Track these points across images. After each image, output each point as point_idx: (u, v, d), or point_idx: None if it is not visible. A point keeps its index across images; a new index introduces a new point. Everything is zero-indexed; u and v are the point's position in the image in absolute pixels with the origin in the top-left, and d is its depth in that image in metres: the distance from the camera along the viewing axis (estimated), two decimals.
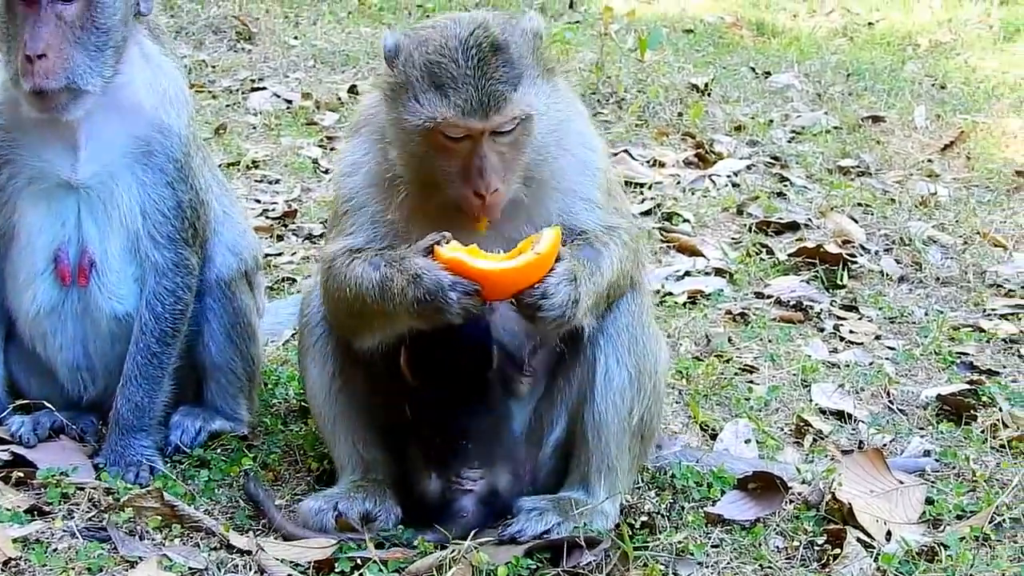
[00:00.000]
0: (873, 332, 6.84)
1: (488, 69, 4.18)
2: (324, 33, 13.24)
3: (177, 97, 4.97)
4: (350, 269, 4.36)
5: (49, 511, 4.50)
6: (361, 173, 4.54)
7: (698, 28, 15.47)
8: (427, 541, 4.39)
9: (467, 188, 4.21)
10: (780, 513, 4.71)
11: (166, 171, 4.90)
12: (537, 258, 4.13)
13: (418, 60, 4.24)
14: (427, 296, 4.11)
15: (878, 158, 10.17)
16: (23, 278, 4.98)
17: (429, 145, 4.24)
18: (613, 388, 4.59)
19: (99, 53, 4.70)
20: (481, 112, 4.16)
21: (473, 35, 4.20)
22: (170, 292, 4.96)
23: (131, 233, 4.91)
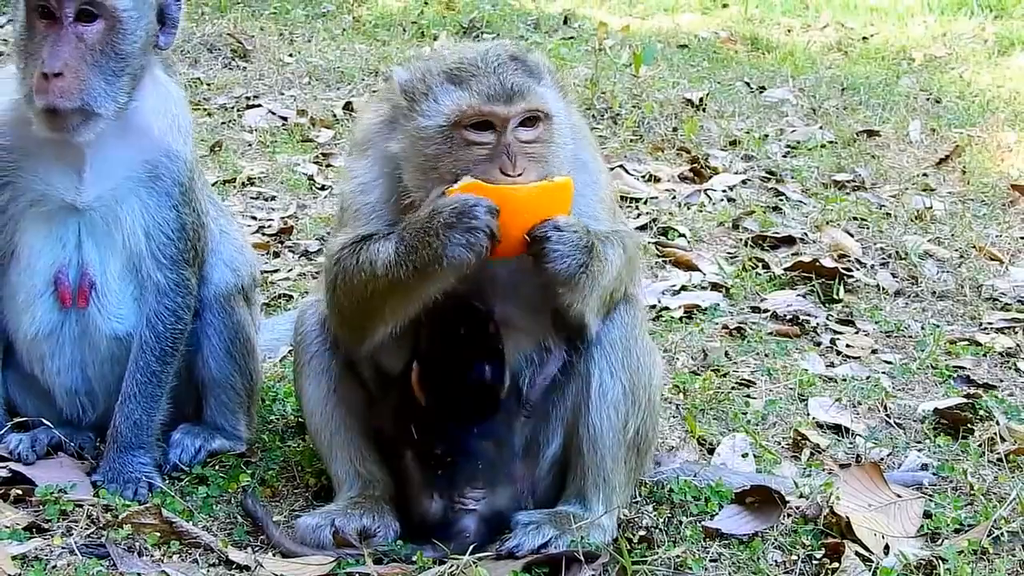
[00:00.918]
0: (870, 346, 6.85)
1: (507, 68, 4.27)
2: (319, 50, 13.26)
3: (184, 123, 4.99)
4: (363, 252, 4.34)
5: (48, 528, 4.50)
6: (374, 193, 4.52)
7: (692, 43, 15.49)
8: (426, 556, 4.39)
9: (492, 168, 4.19)
10: (778, 527, 4.72)
11: (171, 195, 4.91)
12: (552, 185, 4.17)
13: (436, 70, 4.31)
14: (453, 216, 4.07)
15: (873, 172, 10.19)
16: (22, 299, 4.98)
17: (451, 144, 4.24)
18: (607, 401, 4.60)
19: (115, 79, 4.70)
20: (505, 98, 4.20)
21: (492, 47, 4.34)
22: (171, 312, 4.97)
23: (133, 254, 4.92)
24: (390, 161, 4.48)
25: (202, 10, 14.08)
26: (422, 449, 4.57)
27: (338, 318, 4.63)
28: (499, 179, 4.17)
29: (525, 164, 4.21)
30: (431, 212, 4.14)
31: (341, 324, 4.64)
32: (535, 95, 4.26)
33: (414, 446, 4.58)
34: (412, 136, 4.33)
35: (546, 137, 4.32)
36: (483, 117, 4.21)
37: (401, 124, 4.39)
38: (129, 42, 4.71)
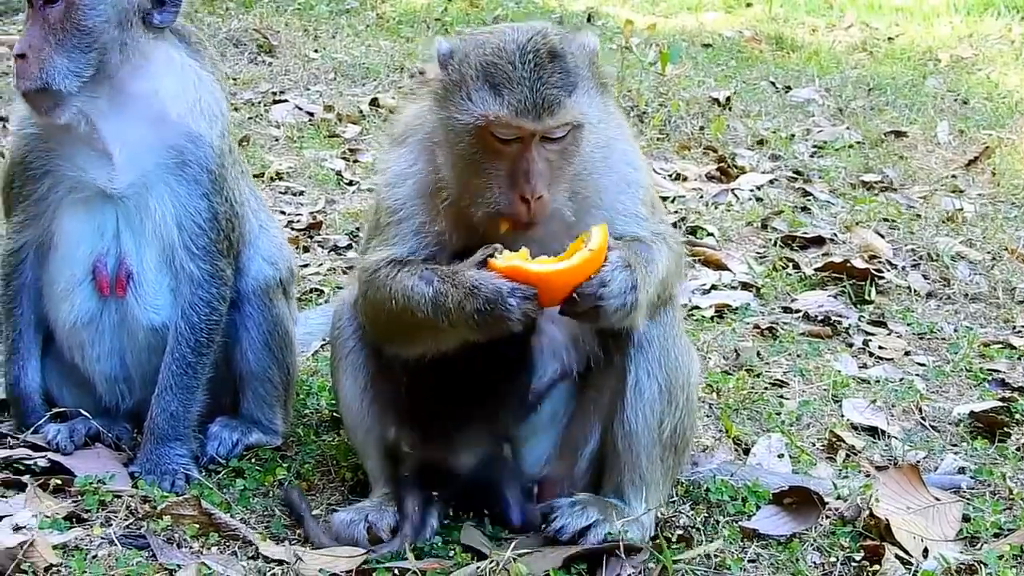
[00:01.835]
0: (902, 348, 6.83)
1: (544, 73, 4.16)
2: (344, 46, 13.25)
3: (210, 108, 4.96)
4: (396, 281, 4.32)
5: (87, 518, 4.50)
6: (408, 184, 4.50)
7: (716, 42, 15.46)
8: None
9: (513, 192, 4.16)
10: (816, 528, 4.70)
11: (200, 182, 4.90)
12: (591, 254, 4.11)
13: (474, 60, 4.23)
14: (487, 306, 4.07)
15: (901, 173, 10.16)
16: (62, 288, 5.00)
17: (478, 146, 4.21)
18: (644, 400, 4.58)
19: (79, 54, 4.70)
20: (534, 113, 4.13)
21: (531, 40, 4.20)
22: (205, 303, 4.96)
23: (166, 244, 4.92)
24: (429, 149, 4.46)
25: (227, 5, 14.09)
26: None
27: (369, 324, 4.64)
28: (518, 208, 4.16)
29: (545, 187, 4.17)
30: (469, 290, 4.12)
31: (371, 328, 4.65)
32: (566, 110, 4.18)
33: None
34: (446, 127, 4.31)
35: (574, 146, 4.26)
36: (509, 131, 4.17)
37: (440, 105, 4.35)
38: (91, 17, 4.71)
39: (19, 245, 5.04)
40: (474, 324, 4.12)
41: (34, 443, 5.00)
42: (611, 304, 4.13)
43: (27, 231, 5.01)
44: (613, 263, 4.15)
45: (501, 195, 4.19)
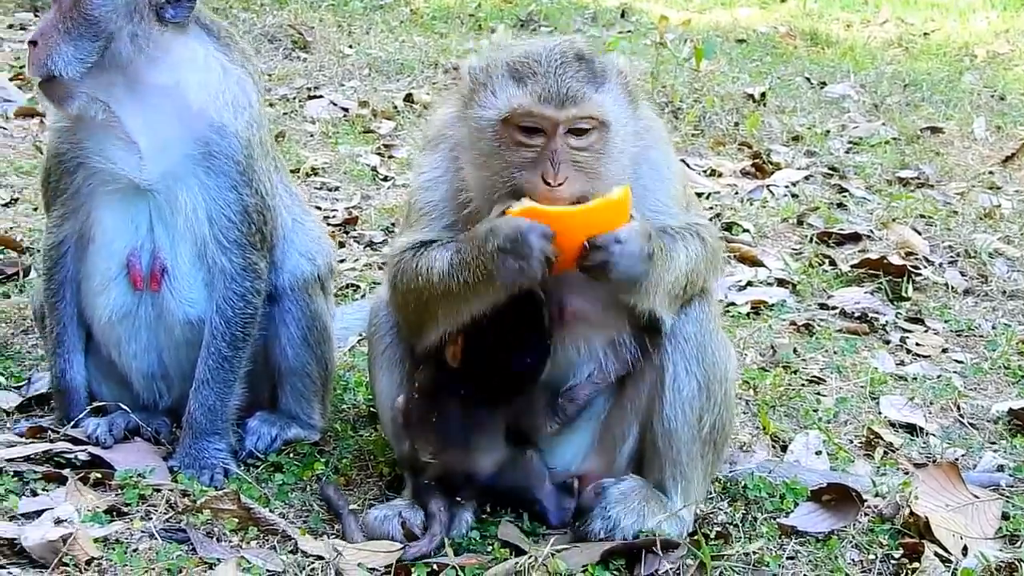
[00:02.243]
0: (940, 345, 6.79)
1: (570, 69, 4.19)
2: (378, 42, 13.28)
3: (236, 100, 4.96)
4: (421, 258, 4.35)
5: (127, 512, 4.52)
6: (441, 189, 4.52)
7: (751, 38, 15.44)
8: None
9: (535, 173, 4.15)
10: (855, 526, 4.68)
11: (228, 174, 4.91)
12: (608, 203, 4.11)
13: (501, 62, 4.27)
14: (507, 243, 4.05)
15: (938, 170, 10.12)
16: (97, 282, 5.03)
17: (502, 142, 4.21)
18: (682, 396, 4.57)
19: (83, 42, 4.73)
20: (557, 102, 4.14)
21: (560, 44, 4.25)
22: (239, 296, 4.98)
23: (198, 238, 4.93)
24: (456, 150, 4.48)
25: (262, 1, 14.13)
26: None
27: (399, 314, 4.65)
28: (539, 188, 4.13)
29: (568, 174, 4.15)
30: (487, 233, 4.12)
31: (402, 320, 4.66)
32: (590, 102, 4.19)
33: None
34: (470, 126, 4.32)
35: (599, 146, 4.25)
36: (532, 119, 4.17)
37: (465, 103, 4.37)
38: (98, 7, 4.73)
39: (60, 239, 5.07)
40: (495, 269, 4.08)
41: (74, 437, 5.02)
42: (621, 263, 4.11)
43: (66, 225, 5.04)
44: (631, 227, 4.14)
45: (523, 179, 4.18)
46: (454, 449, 4.54)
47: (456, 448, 4.54)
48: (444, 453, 4.54)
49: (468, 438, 4.53)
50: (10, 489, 4.55)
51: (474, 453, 4.55)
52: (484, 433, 4.54)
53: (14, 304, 6.28)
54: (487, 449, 4.56)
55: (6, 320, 6.14)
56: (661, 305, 4.39)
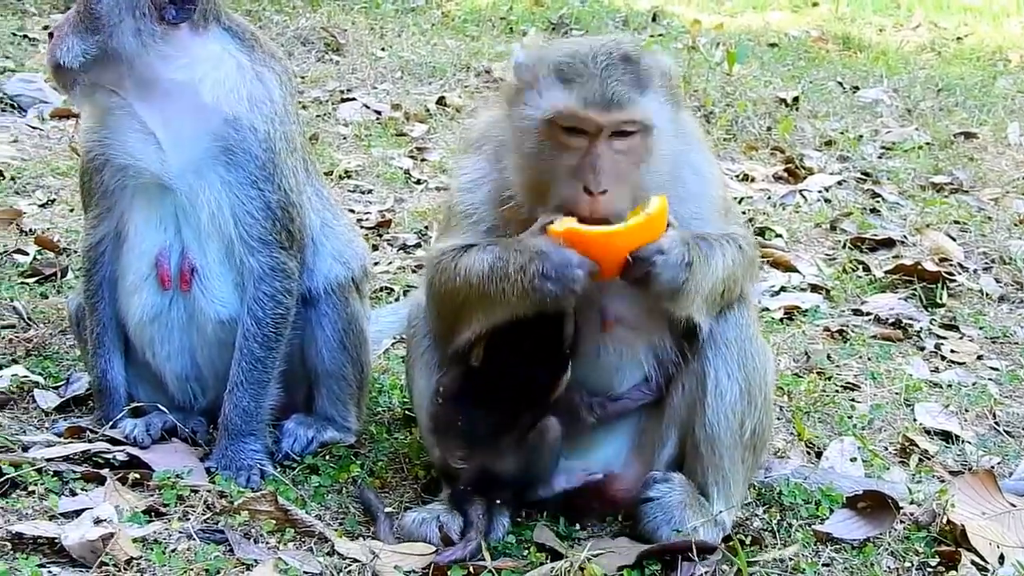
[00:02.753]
0: (975, 352, 6.77)
1: (615, 71, 4.20)
2: (410, 45, 13.29)
3: (252, 95, 4.96)
4: (459, 260, 4.37)
5: (166, 512, 4.54)
6: (482, 191, 4.54)
7: (783, 42, 15.40)
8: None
9: (577, 183, 4.16)
10: (890, 533, 4.67)
11: (248, 170, 4.92)
12: (648, 219, 4.14)
13: (547, 61, 4.27)
14: (552, 271, 4.10)
15: (972, 175, 10.08)
16: (130, 282, 5.07)
17: (547, 143, 4.22)
18: (725, 402, 4.58)
19: (88, 36, 4.86)
20: (602, 106, 4.15)
21: (606, 45, 4.25)
22: (269, 297, 4.99)
23: (224, 236, 4.95)
24: (502, 157, 4.49)
25: (294, 4, 14.18)
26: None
27: (433, 313, 4.66)
28: (581, 202, 4.16)
29: (610, 183, 4.17)
30: (534, 254, 4.14)
31: (436, 319, 4.67)
32: (635, 106, 4.20)
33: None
34: (515, 126, 4.34)
35: (642, 150, 4.27)
36: (577, 121, 4.18)
37: (508, 108, 4.40)
38: (101, 2, 4.85)
39: (97, 239, 5.11)
40: (533, 288, 4.13)
41: (113, 437, 5.04)
42: (664, 274, 4.16)
43: (102, 225, 5.09)
44: (673, 237, 4.19)
45: (565, 188, 4.20)
46: (481, 452, 4.54)
47: (482, 450, 4.54)
48: (472, 456, 4.55)
49: (494, 440, 4.54)
50: (50, 488, 4.58)
51: (501, 455, 4.55)
52: (510, 435, 4.54)
53: (52, 304, 6.32)
54: (514, 450, 4.55)
55: (45, 321, 6.18)
56: (699, 311, 4.41)
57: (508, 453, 4.53)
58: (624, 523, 4.70)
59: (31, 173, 8.41)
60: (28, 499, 4.49)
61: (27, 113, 9.87)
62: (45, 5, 13.45)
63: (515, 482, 4.60)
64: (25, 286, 6.62)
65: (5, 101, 10.02)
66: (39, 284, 6.68)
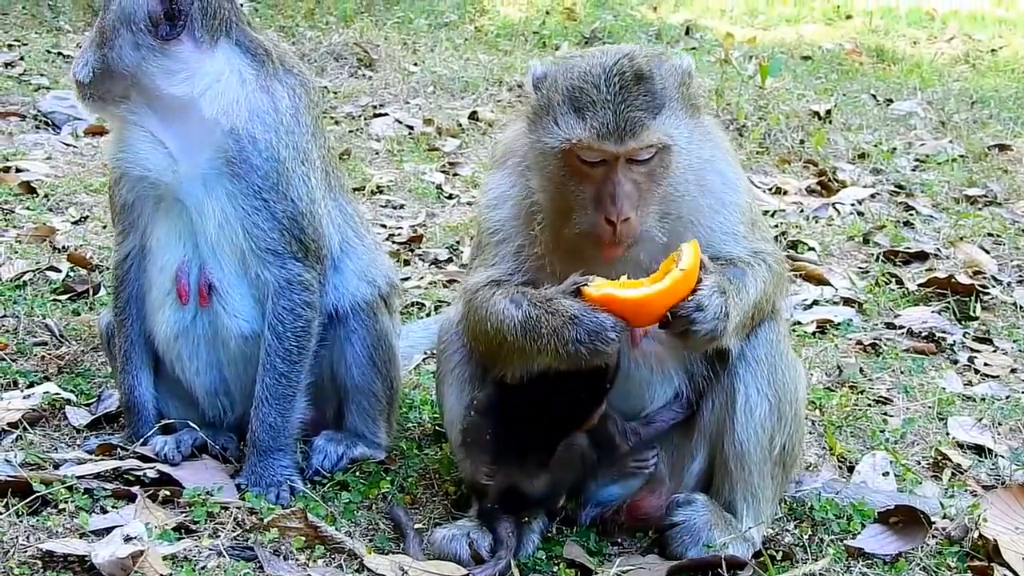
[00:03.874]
0: (1009, 365, 6.73)
1: (628, 96, 4.16)
2: (443, 60, 13.35)
3: (255, 107, 4.95)
4: (491, 304, 4.36)
5: (196, 529, 4.54)
6: (507, 206, 4.55)
7: (816, 55, 15.38)
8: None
9: (599, 214, 4.17)
10: (923, 548, 4.64)
11: (250, 180, 4.91)
12: (683, 275, 4.11)
13: (562, 84, 4.25)
14: (588, 336, 4.10)
15: (1006, 187, 10.03)
16: (155, 297, 5.10)
17: (566, 169, 4.23)
18: (754, 419, 4.56)
19: (95, 49, 4.95)
20: (616, 136, 4.13)
21: (618, 64, 4.20)
22: (288, 311, 5.00)
23: (236, 249, 4.95)
24: (525, 172, 4.49)
25: (327, 19, 14.25)
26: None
27: (473, 344, 4.66)
28: (605, 234, 4.16)
29: (631, 209, 4.15)
30: (567, 320, 4.14)
31: (476, 349, 4.67)
32: (650, 131, 4.17)
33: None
34: (535, 148, 4.34)
35: (663, 168, 4.24)
36: (592, 154, 4.18)
37: (528, 129, 4.39)
38: (107, 18, 4.93)
39: (124, 255, 5.14)
40: (567, 352, 4.14)
41: (143, 454, 5.06)
42: (703, 328, 4.13)
43: (128, 240, 5.12)
44: (709, 287, 4.15)
45: (588, 217, 4.21)
46: (509, 468, 4.54)
47: (510, 467, 4.54)
48: (500, 473, 4.55)
49: (522, 458, 4.53)
50: (80, 506, 4.58)
51: (529, 472, 4.53)
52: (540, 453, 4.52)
53: (85, 322, 6.36)
54: (541, 469, 4.53)
55: (77, 337, 6.21)
56: (731, 340, 4.39)
57: (535, 471, 4.52)
58: (654, 539, 4.68)
59: (64, 190, 8.47)
60: (59, 517, 4.50)
61: (61, 130, 9.95)
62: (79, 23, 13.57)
63: (542, 500, 4.59)
64: (57, 303, 6.66)
65: (39, 118, 10.12)
66: (71, 301, 6.72)
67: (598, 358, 4.17)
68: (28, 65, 11.77)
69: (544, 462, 4.49)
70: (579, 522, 4.79)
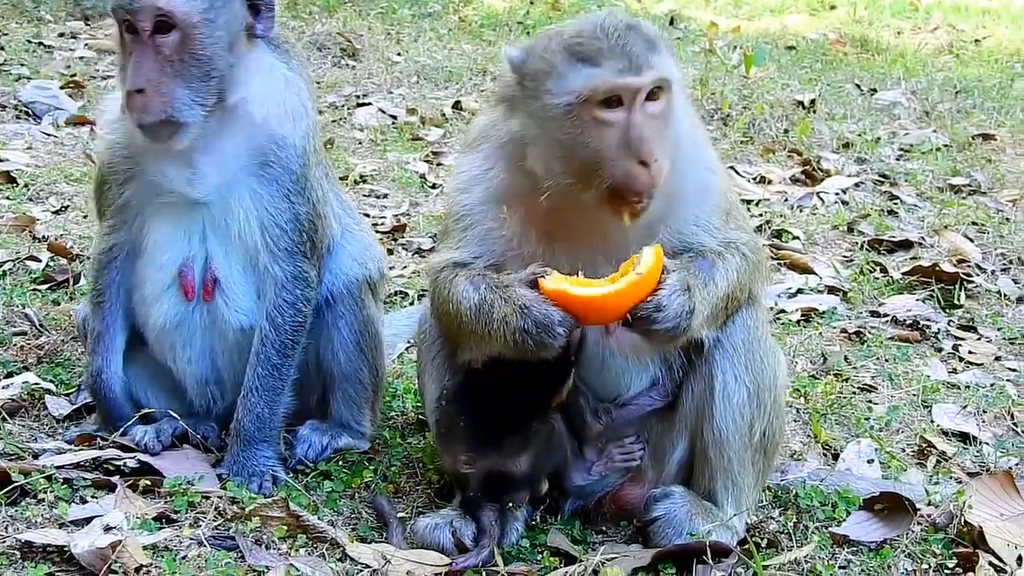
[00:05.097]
0: (992, 353, 6.73)
1: (629, 38, 4.14)
2: (426, 50, 13.31)
3: (296, 109, 4.94)
4: (453, 284, 4.35)
5: (176, 519, 4.51)
6: (477, 190, 4.51)
7: (800, 45, 15.37)
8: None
9: (629, 160, 4.10)
10: (908, 535, 4.63)
11: (282, 183, 4.89)
12: (640, 278, 4.08)
13: (556, 47, 4.19)
14: (534, 327, 4.09)
15: (990, 177, 10.03)
16: (149, 291, 5.03)
17: (581, 125, 4.14)
18: (732, 405, 4.54)
19: (201, 84, 4.67)
20: (635, 70, 4.10)
21: (606, 18, 4.22)
22: (290, 304, 4.97)
23: (250, 247, 4.92)
24: (502, 152, 4.45)
25: (311, 9, 14.19)
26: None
27: (439, 326, 4.66)
28: (640, 176, 4.10)
29: (659, 150, 4.11)
30: (516, 307, 4.13)
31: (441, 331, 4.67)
32: (661, 64, 4.16)
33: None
34: (537, 117, 4.25)
35: (667, 111, 4.23)
36: (615, 92, 4.11)
37: (521, 107, 4.32)
38: (208, 46, 4.67)
39: (110, 246, 5.07)
40: (514, 341, 4.13)
41: (123, 444, 5.02)
42: (663, 327, 4.11)
43: (116, 234, 5.05)
44: (670, 287, 4.13)
45: (619, 167, 4.12)
46: (487, 453, 4.52)
47: (488, 451, 4.52)
48: (478, 459, 4.53)
49: (498, 440, 4.51)
50: (60, 496, 4.55)
51: (506, 454, 4.51)
52: (515, 434, 4.51)
53: (64, 311, 6.31)
54: (520, 449, 4.51)
55: (57, 327, 6.17)
56: (701, 333, 4.37)
57: (515, 452, 4.50)
58: (638, 527, 4.66)
59: (44, 180, 8.41)
60: (38, 507, 4.47)
61: (42, 120, 9.88)
62: (60, 12, 13.50)
63: (525, 483, 4.56)
64: (37, 293, 6.61)
65: (20, 108, 10.04)
66: (51, 291, 6.67)
67: (544, 351, 4.14)
68: (9, 55, 11.69)
69: (522, 442, 4.47)
70: (562, 512, 4.77)
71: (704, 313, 4.25)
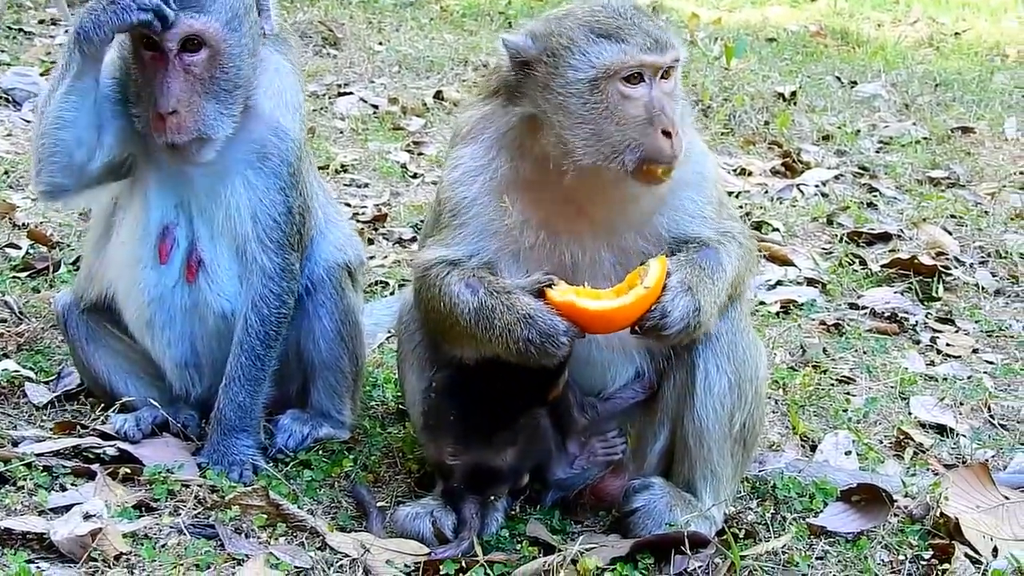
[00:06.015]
0: (970, 345, 6.76)
1: (644, 18, 4.27)
2: (408, 39, 13.28)
3: (293, 101, 4.95)
4: (446, 283, 4.34)
5: (156, 507, 4.53)
6: (478, 181, 4.48)
7: (781, 37, 15.39)
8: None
9: (655, 131, 4.17)
10: (884, 526, 4.65)
11: (279, 175, 4.90)
12: (647, 292, 4.12)
13: (571, 25, 4.26)
14: (539, 337, 4.11)
15: (969, 170, 10.07)
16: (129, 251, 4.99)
17: (604, 99, 4.21)
18: (713, 395, 4.56)
19: (229, 97, 4.71)
20: (658, 48, 4.19)
21: (613, 0, 4.32)
22: (275, 295, 4.97)
23: (239, 235, 4.92)
24: (504, 142, 4.45)
25: None
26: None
27: (423, 321, 4.66)
28: (666, 148, 4.16)
29: (680, 125, 4.21)
30: (520, 316, 4.14)
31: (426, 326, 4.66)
32: (675, 44, 4.27)
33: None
34: (556, 94, 4.27)
35: (675, 89, 4.32)
36: (641, 68, 4.18)
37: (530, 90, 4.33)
38: (236, 62, 4.70)
39: None
40: (516, 349, 4.15)
41: (103, 432, 5.03)
42: (673, 331, 4.16)
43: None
44: (674, 289, 4.17)
45: (642, 138, 4.19)
46: (474, 446, 4.53)
47: (476, 445, 4.52)
48: (465, 452, 4.54)
49: (487, 434, 4.52)
50: (39, 484, 4.56)
51: (494, 448, 4.52)
52: (503, 428, 4.52)
53: (44, 299, 6.29)
54: (508, 444, 4.53)
55: (37, 315, 6.16)
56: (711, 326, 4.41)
57: (502, 446, 4.51)
58: (617, 517, 4.68)
59: (25, 167, 8.36)
60: (17, 494, 4.48)
61: (22, 107, 9.85)
62: None
63: (509, 476, 4.58)
64: (17, 280, 6.60)
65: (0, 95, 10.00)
66: (31, 278, 6.66)
67: (547, 359, 4.17)
68: None
69: (510, 437, 4.48)
70: (543, 503, 4.79)
71: (713, 306, 4.29)
